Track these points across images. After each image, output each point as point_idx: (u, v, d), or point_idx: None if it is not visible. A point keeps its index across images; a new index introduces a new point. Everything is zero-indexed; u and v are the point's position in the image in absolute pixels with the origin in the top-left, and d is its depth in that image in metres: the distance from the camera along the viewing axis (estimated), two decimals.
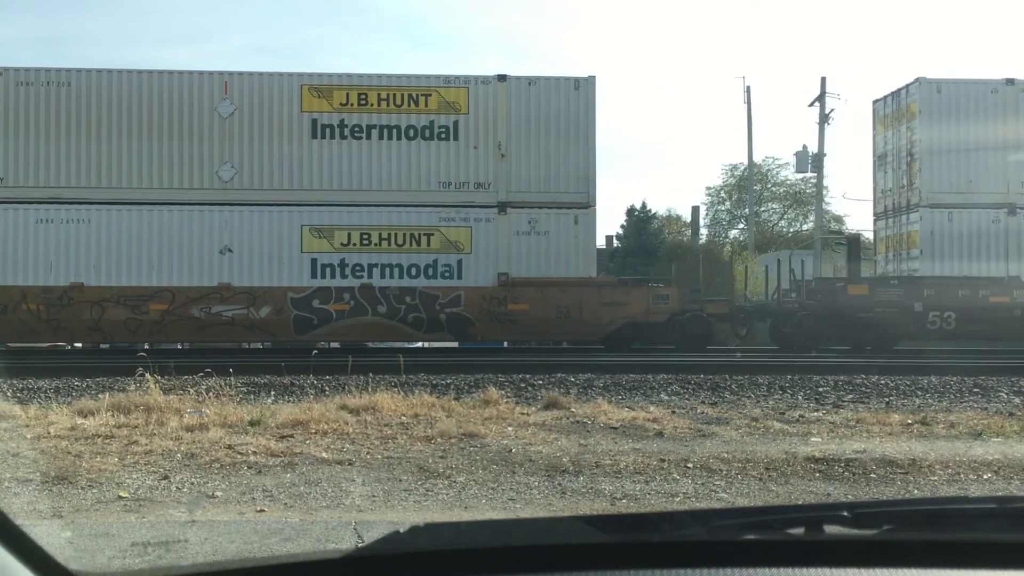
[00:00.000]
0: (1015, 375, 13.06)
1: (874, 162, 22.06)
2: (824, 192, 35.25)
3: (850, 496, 6.27)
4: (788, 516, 1.97)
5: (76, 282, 17.93)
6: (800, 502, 5.97)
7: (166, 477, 6.60)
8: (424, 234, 18.63)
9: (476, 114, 18.80)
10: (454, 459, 7.26)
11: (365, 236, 18.54)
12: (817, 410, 10.41)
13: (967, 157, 19.46)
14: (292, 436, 8.06)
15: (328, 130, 18.62)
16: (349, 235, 18.53)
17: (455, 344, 20.88)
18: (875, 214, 22.43)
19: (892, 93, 20.97)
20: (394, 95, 18.73)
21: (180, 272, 18.21)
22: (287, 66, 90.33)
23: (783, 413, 10.06)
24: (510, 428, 8.71)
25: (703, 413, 9.99)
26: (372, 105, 18.68)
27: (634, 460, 7.16)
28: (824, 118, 30.82)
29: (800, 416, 9.82)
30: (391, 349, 18.25)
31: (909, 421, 9.35)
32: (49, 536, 4.92)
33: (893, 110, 20.84)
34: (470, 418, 9.05)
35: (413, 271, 18.65)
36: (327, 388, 11.68)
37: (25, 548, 1.73)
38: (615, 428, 8.83)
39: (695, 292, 20.44)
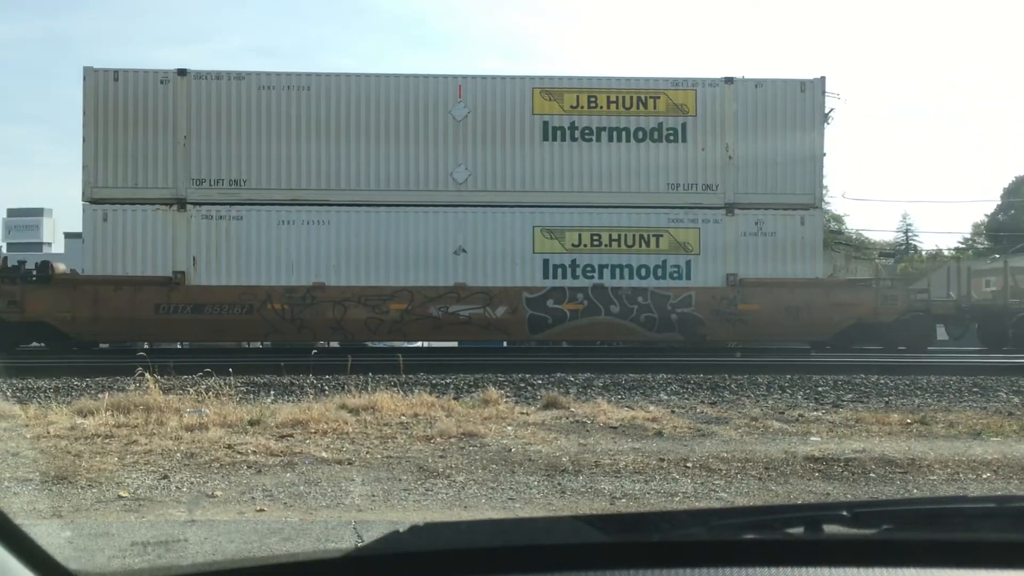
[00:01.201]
0: (1014, 375, 13.08)
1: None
2: (824, 192, 35.19)
3: (849, 496, 6.27)
4: (787, 516, 1.97)
5: (318, 282, 18.33)
6: (799, 502, 5.97)
7: (166, 477, 6.60)
8: (653, 235, 18.87)
9: (704, 116, 19.00)
10: (454, 459, 7.26)
11: (596, 237, 18.82)
12: (816, 410, 10.41)
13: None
14: (292, 436, 8.06)
15: (559, 132, 18.90)
16: (580, 236, 18.81)
17: (454, 344, 20.90)
18: None
19: None
20: (623, 97, 19.00)
21: (416, 272, 18.55)
22: (285, 66, 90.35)
23: (782, 413, 10.07)
24: (510, 428, 8.71)
25: (702, 413, 9.99)
26: (602, 107, 18.97)
27: (633, 460, 7.16)
28: (824, 118, 30.79)
29: (799, 416, 9.82)
30: (391, 348, 18.26)
31: (908, 421, 9.35)
32: (49, 536, 4.91)
33: None
34: (470, 418, 9.05)
35: (643, 272, 18.88)
36: (327, 388, 11.68)
37: (25, 548, 1.74)
38: (615, 428, 8.83)
39: (921, 292, 20.45)
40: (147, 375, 10.07)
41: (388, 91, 18.72)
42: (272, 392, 11.51)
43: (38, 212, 50.21)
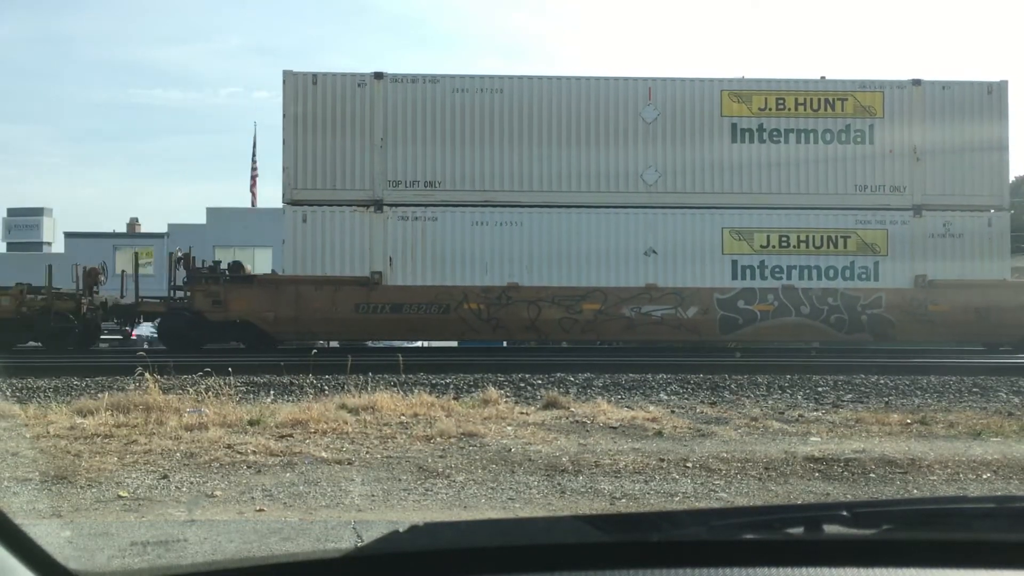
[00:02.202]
0: (1014, 375, 13.08)
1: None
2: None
3: (849, 496, 6.27)
4: (787, 516, 1.97)
5: (512, 282, 18.57)
6: (799, 502, 5.97)
7: (165, 476, 6.59)
8: (841, 236, 18.99)
9: (891, 118, 19.12)
10: (453, 459, 7.26)
11: (784, 238, 18.96)
12: (816, 410, 10.41)
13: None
14: (291, 435, 8.06)
15: (747, 134, 19.08)
16: (768, 237, 18.97)
17: (454, 344, 20.89)
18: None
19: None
20: (811, 99, 19.15)
21: (608, 273, 18.73)
22: (284, 65, 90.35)
23: (782, 413, 10.06)
24: (509, 428, 8.71)
25: (702, 413, 9.99)
26: (789, 109, 19.13)
27: (633, 460, 7.16)
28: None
29: (799, 416, 9.82)
30: (390, 348, 18.26)
31: (908, 421, 9.35)
32: (48, 535, 4.91)
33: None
34: (469, 418, 9.05)
35: (830, 273, 18.99)
36: (326, 388, 11.68)
37: (24, 547, 1.73)
38: (614, 428, 8.83)
39: None
40: (147, 375, 10.07)
41: (579, 93, 18.97)
42: (272, 392, 11.51)
43: (38, 212, 50.15)
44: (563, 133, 18.81)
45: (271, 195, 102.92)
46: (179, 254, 19.44)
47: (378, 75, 18.81)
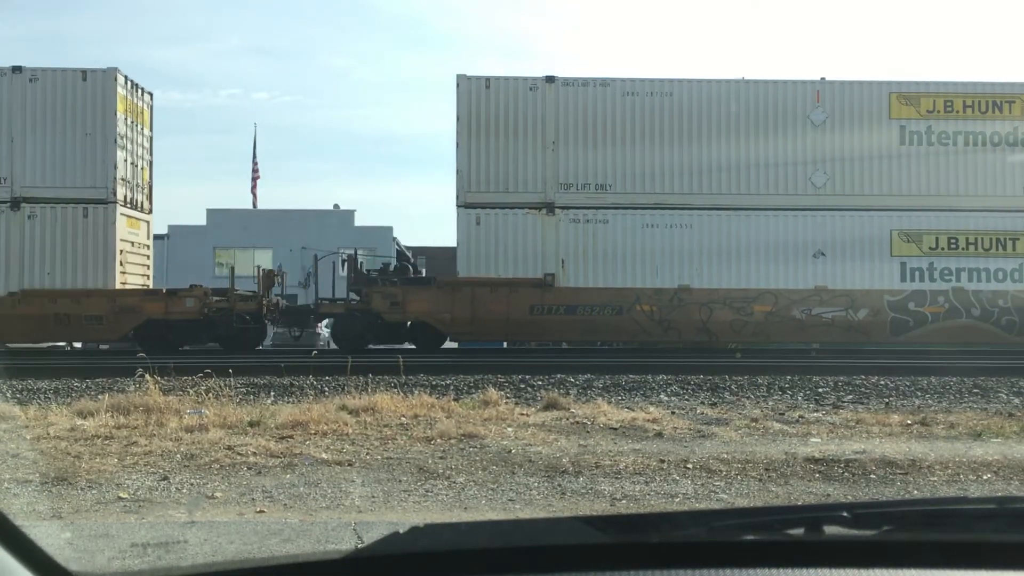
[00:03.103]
0: (1015, 376, 13.07)
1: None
2: None
3: (850, 497, 6.27)
4: (788, 517, 1.97)
5: (683, 284, 18.69)
6: (800, 503, 5.96)
7: (166, 478, 6.59)
8: (1010, 239, 19.12)
9: None
10: (454, 460, 7.26)
11: (953, 240, 19.05)
12: (817, 411, 10.41)
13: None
14: (292, 437, 8.06)
15: (915, 136, 19.16)
16: (937, 239, 19.06)
17: (454, 345, 20.89)
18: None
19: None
20: (979, 102, 19.26)
21: (777, 274, 18.86)
22: (283, 66, 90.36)
23: (783, 414, 10.06)
24: (510, 429, 8.70)
25: (703, 414, 9.98)
26: (957, 112, 19.22)
27: (634, 461, 7.15)
28: None
29: (800, 417, 9.81)
30: (390, 349, 18.25)
31: (909, 422, 9.35)
32: (49, 537, 4.91)
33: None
34: (470, 419, 9.05)
35: (999, 275, 19.09)
36: (327, 389, 11.68)
37: (25, 549, 1.73)
38: (615, 429, 8.82)
39: None
40: (147, 376, 10.07)
41: (748, 96, 19.14)
42: (272, 393, 11.51)
43: None
44: (732, 136, 18.98)
45: (271, 196, 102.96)
46: (344, 256, 19.91)
47: (549, 79, 19.02)
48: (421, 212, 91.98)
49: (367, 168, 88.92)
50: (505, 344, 20.77)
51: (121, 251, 18.72)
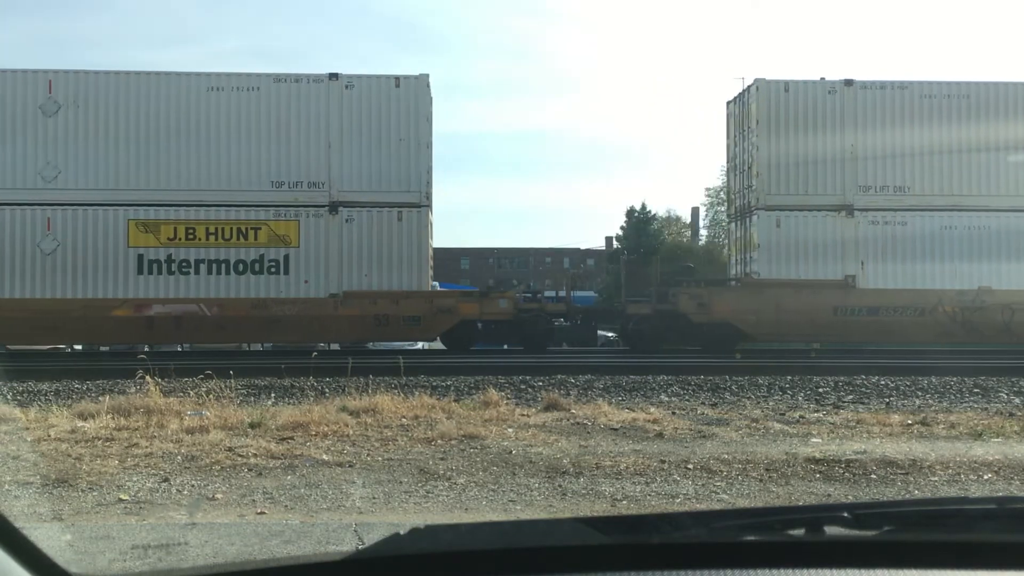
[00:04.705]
0: (1015, 375, 13.07)
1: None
2: None
3: (850, 497, 6.27)
4: (788, 517, 1.97)
5: (984, 286, 18.74)
6: (800, 503, 5.96)
7: (166, 479, 6.59)
8: None
9: None
10: (454, 461, 7.26)
11: None
12: (817, 411, 10.40)
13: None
14: (292, 438, 8.06)
15: None
16: None
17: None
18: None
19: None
20: None
21: None
22: (282, 68, 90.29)
23: (783, 414, 10.06)
24: (510, 430, 8.70)
25: (703, 414, 9.98)
26: None
27: (634, 461, 7.15)
28: None
29: (800, 417, 9.81)
30: (391, 350, 18.26)
31: (909, 422, 9.35)
32: (49, 539, 4.92)
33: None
34: (470, 420, 9.05)
35: None
36: (327, 390, 11.68)
37: (25, 551, 1.73)
38: (615, 429, 8.82)
39: None
40: (147, 378, 10.07)
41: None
42: (273, 394, 11.51)
43: None
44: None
45: None
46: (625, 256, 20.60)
47: (848, 82, 19.23)
48: None
49: None
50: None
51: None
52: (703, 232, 43.39)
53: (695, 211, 43.23)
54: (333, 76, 18.49)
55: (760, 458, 7.30)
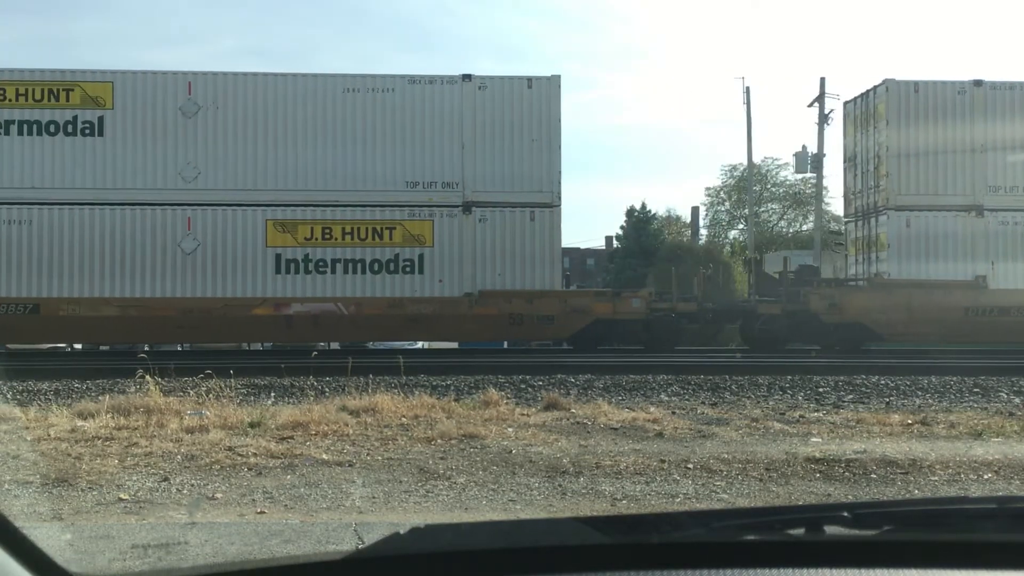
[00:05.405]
0: (1015, 375, 13.06)
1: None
2: (824, 192, 35.31)
3: (850, 496, 6.27)
4: (788, 517, 1.97)
5: None
6: (800, 503, 5.96)
7: (166, 479, 6.59)
8: None
9: None
10: (454, 460, 7.26)
11: None
12: (817, 410, 10.40)
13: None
14: (292, 438, 8.06)
15: None
16: None
17: (454, 345, 20.90)
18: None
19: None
20: None
21: None
22: (281, 68, 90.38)
23: (783, 413, 10.06)
24: (510, 429, 8.71)
25: (703, 414, 9.98)
26: None
27: (634, 461, 7.16)
28: (823, 118, 30.78)
29: (800, 416, 9.81)
30: (391, 350, 18.27)
31: (909, 421, 9.35)
32: (49, 538, 4.91)
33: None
34: (470, 419, 9.05)
35: None
36: (327, 390, 11.67)
37: (25, 550, 1.73)
38: (615, 429, 8.83)
39: None
40: (147, 377, 10.07)
41: None
42: (272, 394, 11.51)
43: None
44: None
45: None
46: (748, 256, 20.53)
47: (977, 83, 19.29)
48: None
49: None
50: (506, 344, 20.73)
51: None
52: (703, 232, 43.45)
53: (695, 211, 43.24)
54: (467, 77, 18.57)
55: (760, 458, 7.30)
